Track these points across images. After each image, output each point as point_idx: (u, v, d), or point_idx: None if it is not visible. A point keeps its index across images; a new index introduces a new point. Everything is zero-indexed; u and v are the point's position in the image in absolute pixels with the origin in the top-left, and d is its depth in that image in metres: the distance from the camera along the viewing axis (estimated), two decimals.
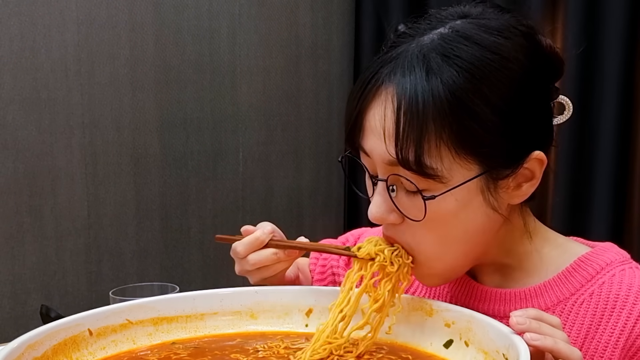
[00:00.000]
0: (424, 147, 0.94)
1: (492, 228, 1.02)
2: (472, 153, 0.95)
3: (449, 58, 0.94)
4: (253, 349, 1.05)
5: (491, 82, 0.94)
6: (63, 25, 2.41)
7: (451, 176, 0.95)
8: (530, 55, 0.98)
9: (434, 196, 0.96)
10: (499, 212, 1.00)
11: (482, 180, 0.97)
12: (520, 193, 1.01)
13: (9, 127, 2.36)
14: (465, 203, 0.97)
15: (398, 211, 0.99)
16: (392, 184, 0.99)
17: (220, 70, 2.73)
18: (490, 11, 1.01)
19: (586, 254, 1.07)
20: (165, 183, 2.67)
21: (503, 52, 0.95)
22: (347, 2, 2.94)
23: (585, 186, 2.49)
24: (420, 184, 0.96)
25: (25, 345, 0.93)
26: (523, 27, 0.99)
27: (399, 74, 0.95)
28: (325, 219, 3.02)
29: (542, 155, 0.99)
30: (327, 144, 2.98)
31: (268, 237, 1.12)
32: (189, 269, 2.73)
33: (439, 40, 0.96)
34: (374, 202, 1.01)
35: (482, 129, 0.94)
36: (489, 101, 0.94)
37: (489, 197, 0.98)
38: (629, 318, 1.00)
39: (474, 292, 1.10)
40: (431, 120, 0.93)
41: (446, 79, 0.93)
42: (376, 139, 0.97)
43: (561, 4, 2.48)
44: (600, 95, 2.42)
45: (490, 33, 0.96)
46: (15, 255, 2.41)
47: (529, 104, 0.98)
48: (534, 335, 0.86)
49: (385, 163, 0.97)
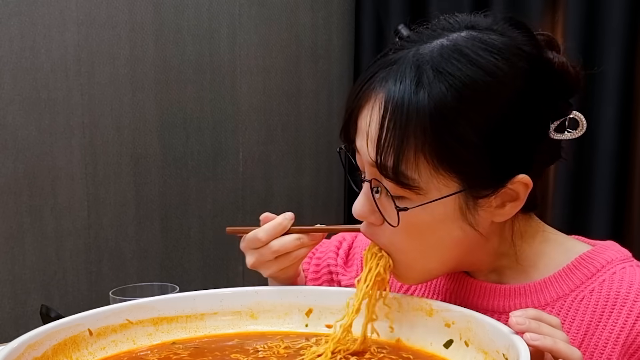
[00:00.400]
0: (403, 156, 0.94)
1: (470, 242, 1.01)
2: (451, 170, 0.95)
3: (441, 74, 0.93)
4: (253, 349, 1.05)
5: (480, 105, 0.93)
6: (63, 25, 2.41)
7: (428, 189, 0.95)
8: (530, 78, 0.96)
9: (407, 208, 0.96)
10: (475, 229, 0.99)
11: (460, 197, 0.97)
12: (504, 212, 1.00)
13: (9, 127, 2.36)
14: (442, 217, 0.97)
15: (379, 212, 1.00)
16: (376, 186, 0.99)
17: (220, 70, 2.73)
18: (500, 25, 0.99)
19: (587, 252, 1.07)
20: (165, 183, 2.66)
21: (499, 76, 0.94)
22: (347, 2, 2.94)
23: (585, 186, 2.49)
24: (396, 192, 0.96)
25: (25, 345, 0.93)
26: (530, 47, 0.97)
27: (390, 81, 0.95)
28: (325, 219, 3.01)
29: (527, 179, 0.97)
30: (327, 144, 2.98)
31: (290, 223, 1.13)
32: (189, 269, 2.73)
33: (437, 52, 0.95)
34: (358, 200, 1.02)
35: (462, 149, 0.93)
36: (474, 123, 0.93)
37: (468, 214, 0.98)
38: (629, 316, 1.00)
39: (473, 288, 1.10)
40: (412, 132, 0.93)
41: (434, 94, 0.92)
42: (363, 140, 0.98)
43: (561, 4, 2.48)
44: (600, 96, 2.42)
45: (490, 52, 0.94)
46: (15, 255, 2.41)
47: (517, 129, 0.96)
48: (534, 335, 0.86)
49: (369, 165, 0.98)
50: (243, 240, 1.15)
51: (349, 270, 1.27)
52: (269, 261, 1.13)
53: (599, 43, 2.41)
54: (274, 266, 1.14)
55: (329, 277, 1.29)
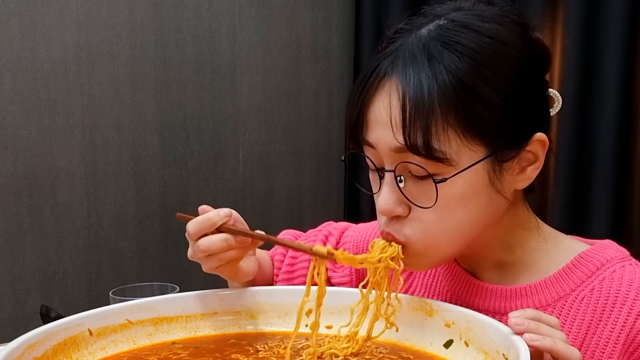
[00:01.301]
0: (432, 131, 0.95)
1: (494, 214, 1.03)
2: (478, 135, 0.97)
3: (449, 45, 0.96)
4: (253, 349, 1.05)
5: (492, 66, 0.96)
6: (63, 25, 2.41)
7: (459, 159, 0.97)
8: (526, 40, 1.00)
9: (445, 179, 0.97)
10: (503, 195, 1.01)
11: (488, 162, 0.98)
12: (525, 177, 1.02)
13: (9, 127, 2.36)
14: (473, 186, 0.99)
15: (406, 202, 1.00)
16: (400, 174, 0.99)
17: (220, 70, 2.73)
18: (481, 4, 1.03)
19: (586, 250, 1.07)
20: (165, 183, 2.66)
21: (500, 37, 0.98)
22: (347, 2, 2.94)
23: (585, 185, 2.49)
24: (430, 169, 0.97)
25: (25, 345, 0.93)
26: (514, 17, 1.02)
27: (400, 65, 0.97)
28: (325, 219, 3.00)
29: (544, 136, 1.01)
30: (327, 144, 2.98)
31: (221, 220, 1.07)
32: (189, 269, 2.73)
33: (437, 30, 0.98)
34: (382, 195, 1.01)
35: (487, 111, 0.96)
36: (493, 84, 0.96)
37: (495, 180, 1.00)
38: (629, 314, 1.00)
39: (474, 289, 1.11)
40: (437, 104, 0.94)
41: (448, 65, 0.95)
42: (382, 129, 0.98)
43: (561, 3, 2.48)
44: (600, 95, 2.43)
45: (485, 21, 0.99)
46: (15, 255, 2.41)
47: (529, 87, 1.00)
48: (533, 336, 0.86)
49: (393, 151, 0.98)
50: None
51: (339, 266, 1.27)
52: (200, 258, 1.10)
53: (598, 43, 2.41)
54: (206, 264, 1.10)
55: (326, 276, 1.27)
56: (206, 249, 1.08)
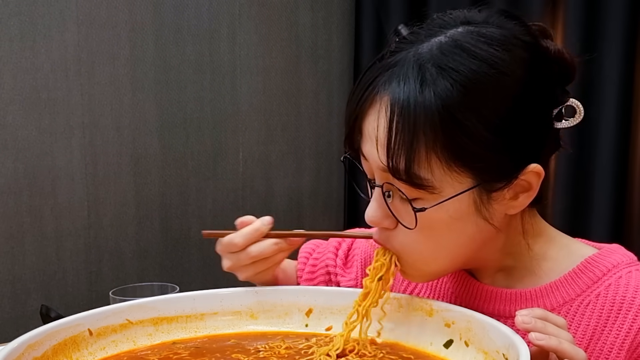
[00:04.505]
0: (415, 157, 0.93)
1: (483, 238, 1.01)
2: (463, 166, 0.94)
3: (444, 70, 0.93)
4: (254, 349, 1.05)
5: (486, 97, 0.93)
6: (63, 25, 2.41)
7: (442, 188, 0.95)
8: (531, 67, 0.96)
9: (424, 208, 0.95)
10: (490, 223, 0.99)
11: (475, 192, 0.96)
12: (517, 204, 1.00)
13: (9, 127, 2.36)
14: (457, 214, 0.97)
15: (393, 217, 0.99)
16: (388, 190, 0.99)
17: (220, 70, 2.73)
18: (495, 18, 0.99)
19: (593, 255, 1.06)
20: (165, 183, 2.66)
21: (501, 67, 0.93)
22: (347, 2, 2.94)
23: (585, 186, 2.49)
24: (411, 194, 0.95)
25: (25, 345, 0.93)
26: (527, 37, 0.98)
27: (394, 83, 0.94)
28: (325, 219, 3.02)
29: (538, 168, 0.97)
30: (327, 144, 2.98)
31: (268, 228, 1.12)
32: (189, 269, 2.73)
33: (437, 50, 0.95)
34: (370, 207, 1.01)
35: (474, 144, 0.93)
36: (483, 117, 0.92)
37: (482, 208, 0.97)
38: (635, 320, 0.99)
39: (478, 292, 1.10)
40: (422, 131, 0.92)
41: (439, 92, 0.92)
42: (371, 145, 0.97)
43: (561, 4, 2.48)
44: (600, 96, 2.42)
45: (489, 44, 0.94)
46: (15, 255, 2.41)
47: (525, 119, 0.96)
48: (539, 335, 0.86)
49: (380, 170, 0.97)
50: (219, 243, 1.14)
51: (348, 271, 1.27)
52: (246, 265, 1.13)
53: (599, 42, 2.41)
54: (250, 270, 1.14)
55: (326, 278, 1.28)
56: (259, 254, 1.12)
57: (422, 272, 1.04)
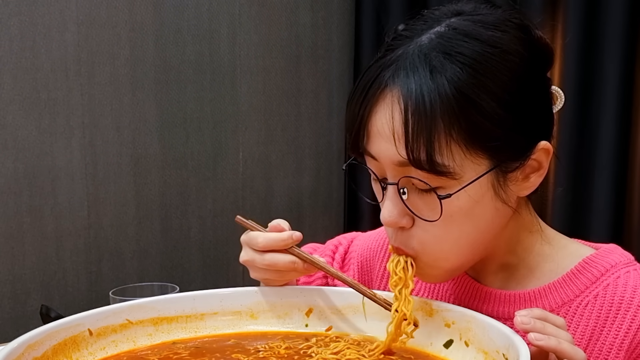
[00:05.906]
0: (435, 145, 0.93)
1: (500, 223, 1.02)
2: (481, 148, 0.95)
3: (451, 55, 0.94)
4: (254, 348, 1.05)
5: (495, 76, 0.94)
6: (63, 25, 2.41)
7: (463, 172, 0.95)
8: (527, 46, 0.98)
9: (450, 195, 0.95)
10: (508, 204, 1.00)
11: (492, 174, 0.97)
12: (529, 184, 1.01)
13: (9, 127, 2.36)
14: (478, 198, 0.97)
15: (410, 214, 0.99)
16: (403, 186, 0.98)
17: (220, 70, 2.73)
18: (483, 7, 1.01)
19: (591, 255, 1.06)
20: (165, 183, 2.66)
21: (502, 45, 0.96)
22: (347, 2, 2.94)
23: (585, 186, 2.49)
24: (433, 183, 0.96)
25: (25, 345, 0.93)
26: (516, 20, 1.00)
27: (402, 76, 0.95)
28: (325, 219, 3.02)
29: (548, 145, 1.00)
30: (327, 144, 2.98)
31: (293, 243, 1.09)
32: (189, 269, 2.73)
33: (438, 38, 0.96)
34: (385, 207, 1.00)
35: (490, 123, 0.94)
36: (495, 95, 0.94)
37: (500, 190, 0.99)
38: (633, 320, 1.00)
39: (478, 294, 1.10)
40: (439, 118, 0.93)
41: (450, 76, 0.93)
42: (384, 142, 0.97)
43: (561, 4, 2.48)
44: (600, 95, 2.42)
45: (487, 28, 0.97)
46: (15, 255, 2.41)
47: (532, 95, 0.99)
48: (538, 335, 0.86)
49: (396, 165, 0.97)
50: (245, 234, 1.13)
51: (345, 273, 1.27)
52: (257, 267, 1.11)
53: (599, 42, 2.41)
54: (260, 273, 1.12)
55: (322, 282, 1.28)
56: (271, 265, 1.10)
57: (442, 270, 1.04)
